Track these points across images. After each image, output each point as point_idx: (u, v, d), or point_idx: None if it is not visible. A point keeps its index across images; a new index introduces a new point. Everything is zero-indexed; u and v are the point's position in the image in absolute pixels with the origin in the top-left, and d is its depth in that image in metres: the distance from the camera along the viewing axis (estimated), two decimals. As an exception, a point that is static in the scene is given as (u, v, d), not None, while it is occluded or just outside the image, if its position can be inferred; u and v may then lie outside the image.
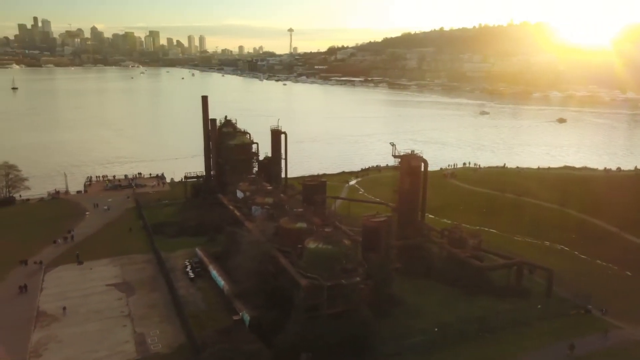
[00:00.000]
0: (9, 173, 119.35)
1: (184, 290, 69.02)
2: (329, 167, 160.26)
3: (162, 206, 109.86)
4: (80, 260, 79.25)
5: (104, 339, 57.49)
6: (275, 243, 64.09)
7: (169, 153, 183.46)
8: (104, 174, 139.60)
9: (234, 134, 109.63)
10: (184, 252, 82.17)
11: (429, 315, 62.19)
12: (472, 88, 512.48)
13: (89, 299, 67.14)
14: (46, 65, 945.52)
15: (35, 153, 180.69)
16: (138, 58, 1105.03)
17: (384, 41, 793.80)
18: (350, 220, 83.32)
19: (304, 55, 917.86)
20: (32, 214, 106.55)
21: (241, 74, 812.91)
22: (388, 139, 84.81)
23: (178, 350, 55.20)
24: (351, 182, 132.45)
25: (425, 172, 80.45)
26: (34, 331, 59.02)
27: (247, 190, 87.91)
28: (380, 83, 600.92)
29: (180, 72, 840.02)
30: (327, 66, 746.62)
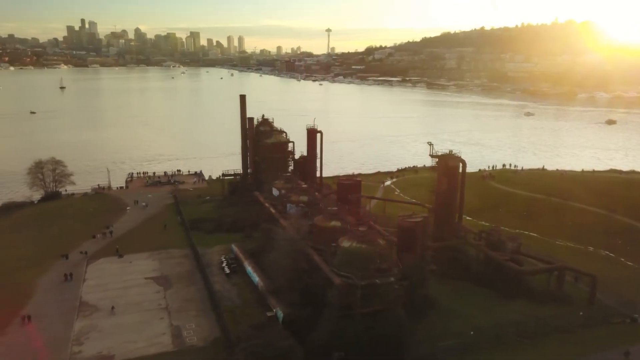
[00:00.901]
0: (55, 168, 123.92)
1: (219, 286, 70.07)
2: (365, 167, 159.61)
3: (200, 203, 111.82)
4: (120, 253, 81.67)
5: (142, 331, 58.96)
6: (309, 241, 64.23)
7: (208, 151, 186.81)
8: (145, 171, 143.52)
9: (270, 132, 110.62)
10: (220, 248, 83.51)
11: (465, 318, 60.90)
12: (513, 89, 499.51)
13: (129, 291, 69.06)
14: (92, 65, 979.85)
15: (80, 149, 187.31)
16: (179, 58, 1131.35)
17: (423, 41, 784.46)
18: (385, 221, 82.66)
19: (342, 55, 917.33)
20: (76, 208, 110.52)
21: (278, 74, 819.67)
22: (425, 140, 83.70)
23: (212, 344, 56.02)
24: (387, 182, 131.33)
25: (463, 173, 78.91)
26: (76, 320, 61.17)
27: (283, 188, 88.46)
28: (418, 83, 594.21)
29: (219, 72, 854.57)
30: (365, 66, 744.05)
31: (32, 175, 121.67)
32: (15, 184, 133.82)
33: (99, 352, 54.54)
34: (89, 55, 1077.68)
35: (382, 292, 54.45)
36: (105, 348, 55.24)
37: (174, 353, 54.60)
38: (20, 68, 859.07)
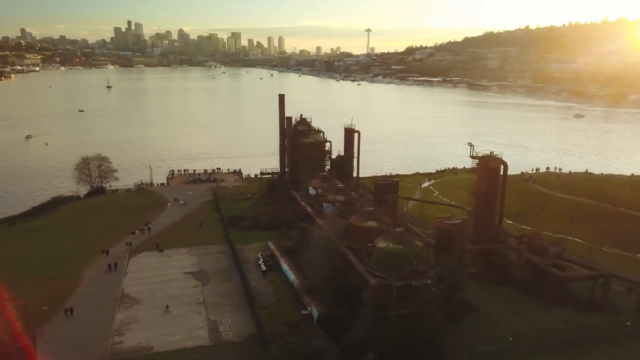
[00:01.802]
0: (101, 165, 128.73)
1: (255, 282, 70.79)
2: (403, 168, 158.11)
3: (238, 200, 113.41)
4: (160, 248, 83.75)
5: (180, 324, 60.19)
6: (345, 240, 64.00)
7: (247, 150, 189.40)
8: (185, 168, 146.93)
9: (308, 132, 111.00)
10: (257, 245, 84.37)
11: (504, 324, 59.25)
12: (558, 90, 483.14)
13: (168, 285, 70.69)
14: (137, 65, 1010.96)
15: (125, 147, 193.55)
16: (220, 59, 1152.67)
17: (465, 41, 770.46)
18: (423, 222, 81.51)
19: (381, 55, 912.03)
20: (119, 203, 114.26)
21: (317, 75, 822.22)
22: (466, 141, 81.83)
23: (248, 340, 56.58)
24: (425, 184, 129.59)
25: (504, 175, 76.81)
26: (118, 311, 63.09)
27: (319, 187, 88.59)
28: (459, 83, 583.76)
29: (259, 73, 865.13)
30: (405, 66, 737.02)
31: (79, 171, 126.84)
32: (63, 179, 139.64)
33: (139, 343, 56.02)
34: (135, 55, 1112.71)
35: (418, 294, 53.63)
36: (144, 339, 56.70)
37: (211, 347, 55.42)
38: (70, 68, 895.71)
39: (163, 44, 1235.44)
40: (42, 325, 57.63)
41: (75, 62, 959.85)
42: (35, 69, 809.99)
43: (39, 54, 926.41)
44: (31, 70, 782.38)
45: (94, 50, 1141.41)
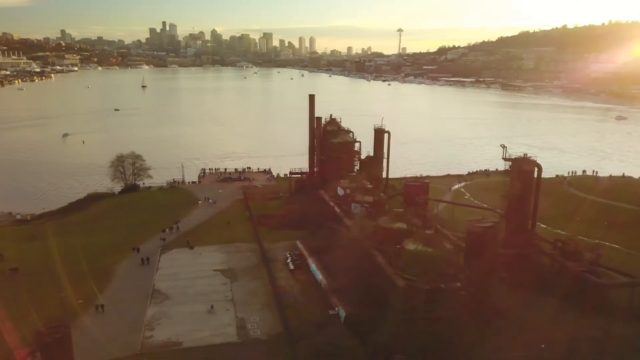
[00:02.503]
0: (135, 162, 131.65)
1: (283, 281, 71.18)
2: (433, 169, 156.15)
3: (268, 199, 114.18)
4: (191, 245, 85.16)
5: (208, 320, 61.04)
6: (373, 242, 63.69)
7: (277, 150, 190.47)
8: (217, 167, 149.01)
9: (337, 132, 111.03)
10: (285, 244, 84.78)
11: (535, 330, 57.80)
12: (597, 90, 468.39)
13: (197, 282, 71.80)
14: (171, 65, 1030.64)
15: (158, 145, 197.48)
16: (252, 59, 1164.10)
17: (499, 40, 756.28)
18: (453, 225, 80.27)
19: (413, 55, 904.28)
20: (151, 200, 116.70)
21: (348, 75, 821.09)
22: (499, 143, 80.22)
23: (275, 338, 56.92)
24: (456, 186, 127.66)
25: (538, 178, 74.95)
26: (149, 306, 64.45)
27: (348, 187, 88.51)
28: (492, 84, 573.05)
29: (290, 73, 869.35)
30: (436, 66, 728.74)
31: (114, 168, 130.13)
32: (99, 176, 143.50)
33: (169, 338, 57.11)
34: (169, 55, 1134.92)
35: (447, 297, 52.94)
36: (174, 335, 57.74)
37: (238, 344, 56.01)
38: (107, 68, 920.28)
39: (196, 44, 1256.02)
40: (76, 318, 59.52)
41: (111, 62, 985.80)
42: (74, 69, 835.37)
43: (78, 55, 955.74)
44: (70, 70, 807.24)
45: (129, 50, 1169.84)
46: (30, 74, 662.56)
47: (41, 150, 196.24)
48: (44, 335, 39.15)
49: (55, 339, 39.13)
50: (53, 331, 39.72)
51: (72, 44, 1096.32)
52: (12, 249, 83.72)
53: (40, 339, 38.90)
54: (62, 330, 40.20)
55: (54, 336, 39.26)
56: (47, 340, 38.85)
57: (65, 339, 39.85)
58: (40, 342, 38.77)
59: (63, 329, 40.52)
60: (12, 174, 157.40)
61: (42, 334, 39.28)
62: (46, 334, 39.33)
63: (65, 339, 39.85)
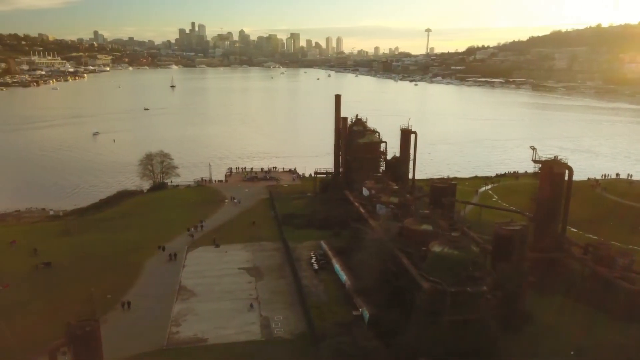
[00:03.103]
0: (163, 161, 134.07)
1: (307, 281, 71.29)
2: (461, 171, 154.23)
3: (293, 199, 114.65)
4: (217, 243, 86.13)
5: (233, 318, 61.64)
6: (398, 243, 63.19)
7: (302, 150, 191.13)
8: (243, 166, 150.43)
9: (363, 132, 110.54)
10: (309, 244, 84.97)
11: (565, 337, 56.38)
12: (633, 91, 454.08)
13: (223, 280, 72.57)
14: (199, 65, 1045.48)
15: (186, 144, 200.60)
16: (279, 59, 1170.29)
17: (530, 40, 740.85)
18: (480, 227, 78.93)
19: (441, 55, 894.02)
20: (179, 198, 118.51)
21: (375, 75, 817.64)
22: (528, 144, 78.52)
23: (298, 338, 57.10)
24: (484, 188, 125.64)
25: (569, 181, 73.13)
26: (175, 303, 65.47)
27: (373, 188, 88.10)
28: (522, 85, 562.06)
29: (317, 73, 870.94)
30: (465, 67, 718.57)
31: (143, 166, 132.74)
32: (128, 174, 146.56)
33: (194, 334, 57.89)
34: (197, 56, 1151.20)
35: (473, 301, 52.05)
36: (199, 331, 58.50)
37: (262, 343, 56.37)
38: (138, 68, 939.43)
39: (224, 44, 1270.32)
40: (105, 312, 60.88)
41: (142, 63, 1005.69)
42: (106, 69, 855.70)
43: (110, 55, 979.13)
44: (102, 70, 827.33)
45: (159, 51, 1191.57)
46: (64, 73, 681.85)
47: (73, 148, 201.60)
48: (74, 329, 40.06)
49: (85, 332, 40.01)
50: (83, 325, 40.63)
51: (105, 44, 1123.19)
52: (45, 243, 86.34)
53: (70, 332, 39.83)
54: (91, 324, 41.08)
55: (83, 329, 40.14)
56: (77, 333, 39.75)
57: (94, 332, 40.71)
58: (70, 335, 39.69)
59: (92, 322, 41.40)
60: (46, 170, 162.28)
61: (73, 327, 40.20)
62: (76, 327, 40.24)
63: (94, 332, 40.71)
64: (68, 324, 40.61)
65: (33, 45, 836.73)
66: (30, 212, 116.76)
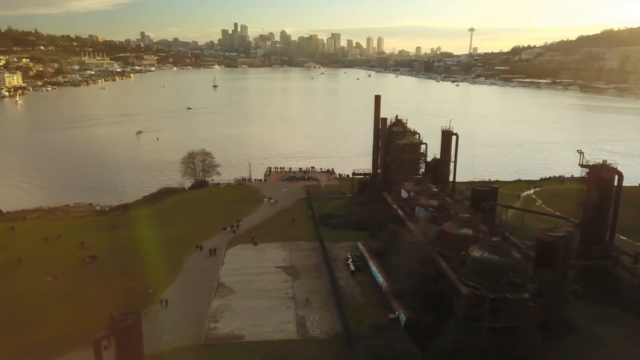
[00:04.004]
0: (205, 159, 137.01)
1: (343, 282, 71.17)
2: (503, 174, 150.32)
3: (330, 199, 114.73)
4: (255, 241, 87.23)
5: (269, 316, 62.28)
6: (437, 247, 62.25)
7: (340, 150, 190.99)
8: (282, 166, 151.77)
9: (403, 133, 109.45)
10: (346, 245, 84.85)
11: (611, 348, 54.12)
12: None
13: (260, 278, 73.44)
14: (241, 65, 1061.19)
15: (227, 143, 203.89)
16: (319, 59, 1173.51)
17: (579, 39, 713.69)
18: (522, 233, 76.76)
19: (484, 55, 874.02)
20: (219, 196, 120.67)
21: (416, 75, 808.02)
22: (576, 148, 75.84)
23: (334, 338, 57.09)
24: (527, 192, 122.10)
25: (618, 186, 70.11)
26: (213, 299, 66.72)
27: (412, 190, 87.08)
28: (570, 86, 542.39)
29: (357, 73, 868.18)
30: (509, 67, 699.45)
31: (185, 164, 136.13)
32: (171, 172, 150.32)
33: (231, 331, 58.82)
34: (239, 56, 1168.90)
35: (513, 308, 50.63)
36: (236, 328, 59.40)
37: (298, 342, 56.69)
38: (182, 68, 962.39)
39: (266, 45, 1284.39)
40: (145, 306, 62.65)
41: (186, 63, 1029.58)
42: (151, 69, 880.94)
43: (155, 55, 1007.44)
44: (147, 70, 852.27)
45: (202, 51, 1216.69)
46: (112, 73, 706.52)
47: (119, 146, 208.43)
48: (117, 321, 41.40)
49: (127, 325, 41.29)
50: (125, 317, 41.93)
51: (150, 45, 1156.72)
52: (91, 237, 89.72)
53: (113, 324, 41.18)
54: (133, 317, 42.36)
55: (126, 322, 41.43)
56: (120, 325, 41.05)
57: (136, 325, 41.95)
58: (113, 326, 41.03)
59: (134, 315, 42.69)
60: (94, 167, 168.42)
61: (116, 319, 41.57)
62: (119, 319, 41.56)
63: (136, 325, 41.95)
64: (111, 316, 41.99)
65: (84, 46, 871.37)
66: (78, 207, 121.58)
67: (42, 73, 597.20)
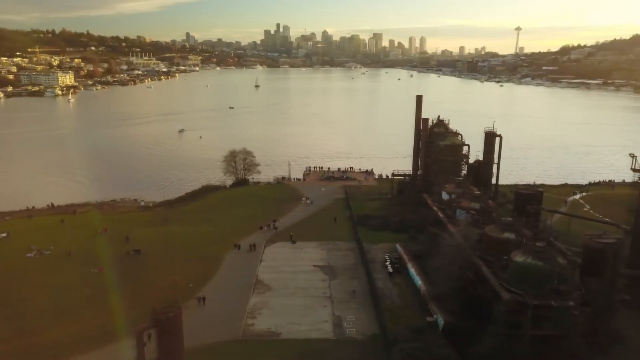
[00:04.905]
0: (246, 158, 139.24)
1: (381, 283, 70.71)
2: (549, 178, 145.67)
3: (369, 199, 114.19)
4: (293, 240, 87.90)
5: (306, 315, 62.58)
6: (477, 250, 60.88)
7: (379, 151, 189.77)
8: (321, 165, 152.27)
9: (445, 134, 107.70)
10: (384, 246, 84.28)
11: (663, 363, 51.50)
12: None
13: (298, 276, 73.94)
14: (282, 66, 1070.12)
15: (267, 143, 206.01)
16: (361, 59, 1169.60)
17: (634, 38, 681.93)
18: (569, 239, 73.94)
19: (531, 55, 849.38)
20: (259, 195, 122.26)
21: (459, 75, 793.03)
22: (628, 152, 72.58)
23: (370, 339, 56.84)
24: (574, 197, 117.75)
25: (674, 192, 66.57)
26: (252, 296, 67.64)
27: (453, 192, 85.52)
28: (623, 87, 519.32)
29: (398, 73, 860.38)
30: (558, 67, 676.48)
31: (227, 163, 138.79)
32: (213, 169, 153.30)
33: (268, 328, 59.48)
34: (281, 56, 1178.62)
35: (557, 316, 48.91)
36: (273, 325, 60.00)
37: (334, 342, 56.71)
38: (225, 68, 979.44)
39: (307, 45, 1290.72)
40: (185, 300, 64.12)
41: (228, 63, 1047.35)
42: (196, 69, 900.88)
43: (199, 55, 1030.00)
44: (192, 70, 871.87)
45: (245, 51, 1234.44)
46: (158, 73, 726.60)
47: (163, 144, 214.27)
48: (159, 313, 42.43)
49: (168, 318, 42.23)
50: (166, 310, 42.93)
51: (195, 45, 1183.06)
52: (136, 232, 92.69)
53: (155, 316, 42.23)
54: (174, 310, 43.30)
55: (167, 315, 42.40)
56: (161, 318, 42.06)
57: (176, 318, 42.86)
58: (154, 319, 42.08)
59: (175, 309, 43.63)
60: (138, 164, 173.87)
61: (157, 312, 42.58)
62: (160, 312, 42.58)
63: (176, 318, 42.86)
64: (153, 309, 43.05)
65: (132, 46, 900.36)
66: (124, 202, 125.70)
67: (92, 73, 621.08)
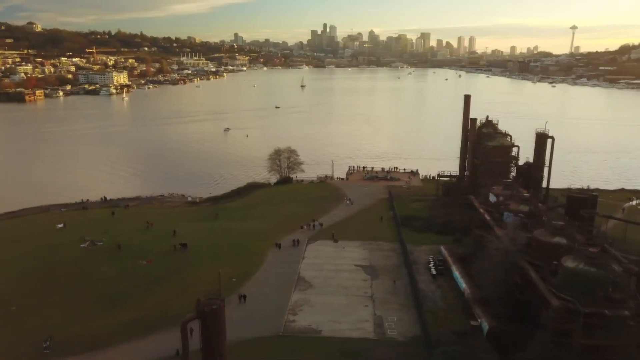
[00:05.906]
0: (290, 157, 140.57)
1: (424, 285, 69.69)
2: (604, 182, 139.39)
3: (413, 200, 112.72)
4: (335, 238, 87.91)
5: (347, 314, 62.40)
6: (526, 255, 58.87)
7: (425, 151, 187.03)
8: (364, 165, 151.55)
9: (493, 135, 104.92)
10: (427, 248, 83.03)
11: None
12: None
13: (339, 275, 73.86)
14: (328, 66, 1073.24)
15: (311, 142, 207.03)
16: (407, 59, 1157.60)
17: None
18: (625, 246, 70.35)
19: (587, 55, 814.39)
20: (302, 193, 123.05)
21: (510, 76, 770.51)
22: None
23: (412, 341, 56.02)
24: (632, 202, 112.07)
25: None
26: (293, 292, 68.12)
27: (501, 194, 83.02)
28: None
29: (446, 73, 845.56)
30: (616, 67, 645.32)
31: (271, 161, 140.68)
32: (258, 167, 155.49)
33: (309, 324, 59.71)
34: (327, 56, 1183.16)
35: (611, 325, 46.60)
36: (314, 322, 60.19)
37: (375, 341, 56.26)
38: (271, 68, 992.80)
39: (354, 45, 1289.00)
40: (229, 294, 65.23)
41: (275, 63, 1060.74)
42: (243, 68, 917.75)
43: (247, 56, 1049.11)
44: (239, 70, 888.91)
45: (292, 52, 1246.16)
46: (207, 73, 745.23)
47: (210, 142, 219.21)
48: (203, 305, 43.41)
49: (212, 310, 43.14)
50: (211, 302, 43.86)
51: (243, 46, 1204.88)
52: (183, 226, 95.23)
53: (199, 307, 43.24)
54: (218, 302, 44.17)
55: (211, 307, 43.32)
56: (206, 309, 43.01)
57: (220, 310, 43.70)
58: (199, 310, 43.08)
59: (219, 301, 44.49)
60: (186, 161, 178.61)
61: (202, 303, 43.58)
62: (205, 304, 43.55)
63: (220, 310, 43.70)
64: (198, 301, 44.09)
65: (182, 47, 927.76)
66: (172, 198, 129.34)
67: (145, 72, 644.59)
